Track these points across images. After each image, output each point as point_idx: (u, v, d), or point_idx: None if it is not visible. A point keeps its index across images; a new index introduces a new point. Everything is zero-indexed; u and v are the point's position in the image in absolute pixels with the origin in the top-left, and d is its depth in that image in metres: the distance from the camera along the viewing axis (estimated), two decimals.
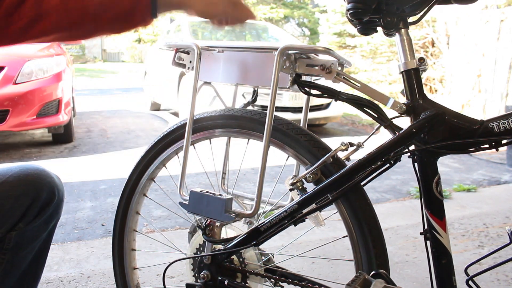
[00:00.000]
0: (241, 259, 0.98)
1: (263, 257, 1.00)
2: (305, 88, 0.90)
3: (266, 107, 0.86)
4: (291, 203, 0.87)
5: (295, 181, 0.87)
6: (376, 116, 0.85)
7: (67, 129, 4.12)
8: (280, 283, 0.99)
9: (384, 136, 0.81)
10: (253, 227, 0.91)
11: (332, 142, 0.85)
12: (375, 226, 0.85)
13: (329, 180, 0.84)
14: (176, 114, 6.35)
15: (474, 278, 0.78)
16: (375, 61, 8.17)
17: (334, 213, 0.92)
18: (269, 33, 6.52)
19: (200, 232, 0.99)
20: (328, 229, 2.08)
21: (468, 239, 2.07)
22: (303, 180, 0.87)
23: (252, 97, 1.08)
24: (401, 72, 0.84)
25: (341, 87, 5.08)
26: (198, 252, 1.04)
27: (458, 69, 6.09)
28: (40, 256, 0.92)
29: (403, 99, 0.85)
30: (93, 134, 4.81)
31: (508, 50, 5.39)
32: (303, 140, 0.89)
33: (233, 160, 1.19)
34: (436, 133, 0.80)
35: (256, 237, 0.90)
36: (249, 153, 1.07)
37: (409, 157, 0.84)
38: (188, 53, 1.01)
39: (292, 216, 0.86)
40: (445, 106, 0.81)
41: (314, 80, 0.95)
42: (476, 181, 3.13)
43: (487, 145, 0.77)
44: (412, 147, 0.83)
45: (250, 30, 6.65)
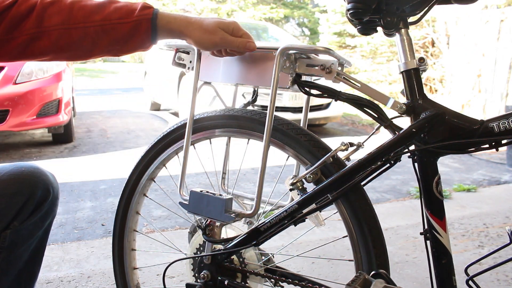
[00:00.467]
0: (241, 259, 0.98)
1: (263, 257, 1.00)
2: (305, 88, 0.90)
3: (266, 107, 0.86)
4: (291, 203, 0.87)
5: (295, 181, 0.87)
6: (376, 116, 0.85)
7: (67, 129, 4.12)
8: (280, 283, 0.99)
9: (384, 136, 0.81)
10: (253, 227, 0.91)
11: (332, 142, 0.86)
12: (375, 226, 0.85)
13: (329, 180, 0.84)
14: (176, 114, 6.35)
15: (474, 278, 0.78)
16: (375, 61, 8.17)
17: (334, 213, 0.92)
18: (269, 33, 6.53)
19: (200, 232, 0.99)
20: (328, 229, 2.09)
21: (468, 239, 2.07)
22: (303, 180, 0.87)
23: (252, 97, 1.08)
24: (401, 72, 0.84)
25: (341, 87, 5.08)
26: (198, 252, 1.04)
27: (458, 69, 6.09)
28: (36, 255, 0.92)
29: (403, 99, 0.85)
30: (93, 134, 4.81)
31: (508, 50, 5.40)
32: (303, 140, 0.89)
33: (233, 160, 1.19)
34: (436, 133, 0.80)
35: (256, 237, 0.90)
36: (249, 153, 1.07)
37: (409, 157, 0.84)
38: (188, 53, 1.01)
39: (292, 216, 0.86)
40: (445, 106, 0.81)
41: (314, 80, 0.95)
42: (476, 181, 3.13)
43: (487, 145, 0.77)
44: (412, 147, 0.83)
45: (250, 30, 6.65)
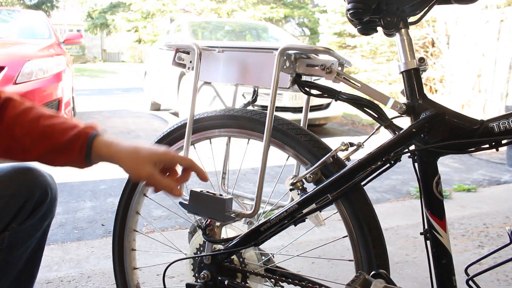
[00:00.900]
0: (241, 259, 0.98)
1: (263, 257, 1.00)
2: (305, 88, 0.90)
3: (266, 107, 0.86)
4: (291, 203, 0.87)
5: (295, 181, 0.87)
6: (376, 116, 0.85)
7: None
8: (280, 283, 0.99)
9: (384, 136, 0.81)
10: (253, 227, 0.91)
11: (332, 142, 0.85)
12: (375, 226, 0.85)
13: (329, 180, 0.84)
14: (176, 114, 6.35)
15: (474, 278, 0.78)
16: (375, 61, 8.17)
17: (334, 213, 0.92)
18: (269, 33, 6.53)
19: (200, 232, 0.99)
20: (328, 229, 2.08)
21: (468, 239, 2.06)
22: (303, 180, 0.87)
23: (252, 97, 1.08)
24: (401, 72, 0.84)
25: (341, 87, 5.08)
26: (198, 252, 1.04)
27: (458, 69, 6.09)
28: (35, 256, 0.92)
29: (403, 99, 0.85)
30: None
31: (508, 50, 5.39)
32: (303, 140, 0.89)
33: (233, 160, 1.19)
34: (436, 133, 0.80)
35: (256, 237, 0.90)
36: (249, 153, 1.07)
37: (409, 157, 0.84)
38: (188, 53, 1.01)
39: (292, 216, 0.86)
40: (445, 106, 0.81)
41: (314, 80, 0.95)
42: (476, 181, 3.13)
43: (487, 145, 0.77)
44: (412, 147, 0.83)
45: (250, 30, 6.65)
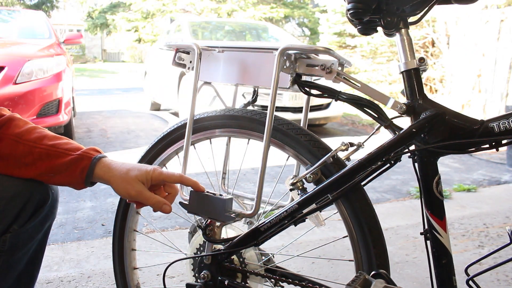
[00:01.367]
0: (241, 259, 0.98)
1: (263, 257, 1.00)
2: (305, 88, 0.90)
3: (266, 107, 0.86)
4: (291, 203, 0.87)
5: (295, 181, 0.87)
6: (376, 116, 0.85)
7: (67, 129, 4.12)
8: (280, 283, 0.99)
9: (384, 136, 0.81)
10: (253, 227, 0.91)
11: (332, 142, 0.85)
12: (375, 226, 0.85)
13: (329, 180, 0.84)
14: (176, 114, 6.36)
15: (474, 278, 0.78)
16: (375, 61, 8.16)
17: (334, 213, 0.92)
18: (269, 33, 6.53)
19: (200, 232, 0.99)
20: (328, 229, 2.09)
21: (468, 239, 2.06)
22: (303, 180, 0.87)
23: (252, 97, 1.08)
24: (401, 72, 0.84)
25: (341, 87, 5.08)
26: (198, 252, 1.04)
27: (458, 69, 6.09)
28: (36, 257, 0.92)
29: (403, 99, 0.85)
30: (93, 134, 4.81)
31: (508, 50, 5.39)
32: (303, 140, 0.89)
33: (233, 160, 1.19)
34: (436, 133, 0.80)
35: (256, 237, 0.90)
36: (249, 153, 1.07)
37: (409, 157, 0.84)
38: (188, 53, 1.01)
39: (292, 216, 0.86)
40: (445, 106, 0.81)
41: (314, 80, 0.95)
42: (476, 181, 3.13)
43: (487, 145, 0.77)
44: (412, 147, 0.83)
45: (250, 30, 6.65)
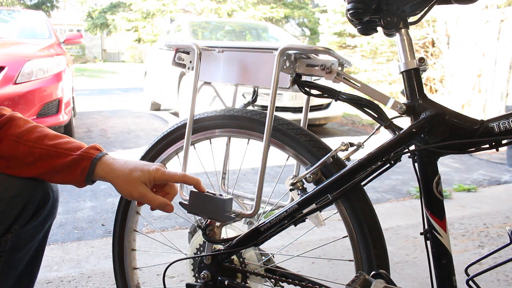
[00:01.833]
0: (241, 259, 0.98)
1: (263, 257, 1.00)
2: (305, 88, 0.90)
3: (266, 107, 0.86)
4: (291, 203, 0.87)
5: (295, 181, 0.87)
6: (376, 116, 0.85)
7: (67, 129, 4.12)
8: (280, 283, 0.99)
9: (384, 136, 0.81)
10: (253, 227, 0.91)
11: (332, 142, 0.85)
12: (375, 226, 0.85)
13: (329, 180, 0.84)
14: (176, 114, 6.36)
15: (474, 278, 0.78)
16: (375, 61, 8.16)
17: (334, 213, 0.92)
18: (269, 33, 6.52)
19: (200, 232, 0.99)
20: (328, 229, 2.09)
21: (468, 239, 2.06)
22: (303, 180, 0.87)
23: (252, 97, 1.08)
24: (401, 72, 0.84)
25: (341, 87, 5.07)
26: (198, 252, 1.04)
27: (458, 69, 6.09)
28: (36, 257, 0.92)
29: (403, 99, 0.85)
30: (93, 134, 4.81)
31: (508, 50, 5.39)
32: (303, 140, 0.89)
33: (233, 160, 1.19)
34: (436, 133, 0.80)
35: (256, 237, 0.90)
36: (249, 153, 1.07)
37: (409, 157, 0.84)
38: (188, 53, 1.01)
39: (292, 216, 0.86)
40: (445, 106, 0.81)
41: (314, 80, 0.95)
42: (476, 181, 3.13)
43: (487, 145, 0.77)
44: (412, 147, 0.83)
45: (250, 30, 6.65)
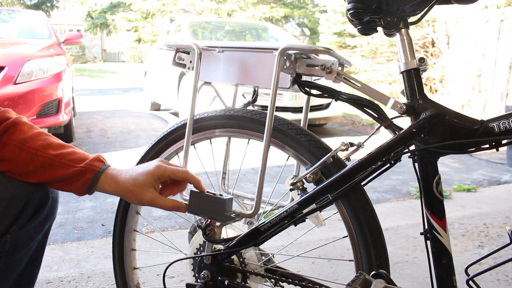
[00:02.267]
0: (241, 259, 0.98)
1: (263, 257, 1.00)
2: (305, 88, 0.90)
3: (266, 107, 0.86)
4: (291, 203, 0.87)
5: (295, 181, 0.87)
6: (376, 116, 0.85)
7: (67, 129, 4.12)
8: (280, 283, 0.99)
9: (384, 136, 0.81)
10: (253, 227, 0.91)
11: (332, 142, 0.85)
12: (375, 226, 0.85)
13: (330, 180, 0.84)
14: (176, 114, 6.36)
15: (474, 278, 0.78)
16: (375, 61, 8.17)
17: (334, 213, 0.92)
18: (269, 33, 6.52)
19: (200, 232, 0.99)
20: (328, 229, 2.09)
21: (468, 239, 2.06)
22: (304, 180, 0.87)
23: (252, 97, 1.08)
24: (401, 72, 0.84)
25: (341, 87, 5.07)
26: (198, 252, 1.04)
27: (458, 69, 6.09)
28: (36, 257, 0.92)
29: (403, 99, 0.85)
30: (93, 134, 4.81)
31: (508, 50, 5.39)
32: (303, 140, 0.89)
33: (233, 160, 1.19)
34: (436, 133, 0.80)
35: (256, 237, 0.90)
36: (249, 153, 1.07)
37: (409, 157, 0.84)
38: (188, 53, 1.01)
39: (292, 216, 0.86)
40: (445, 106, 0.81)
41: (314, 80, 0.95)
42: (476, 181, 3.13)
43: (487, 145, 0.77)
44: (413, 147, 0.83)
45: (250, 30, 6.65)
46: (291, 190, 0.89)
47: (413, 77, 0.82)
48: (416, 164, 0.83)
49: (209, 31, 6.41)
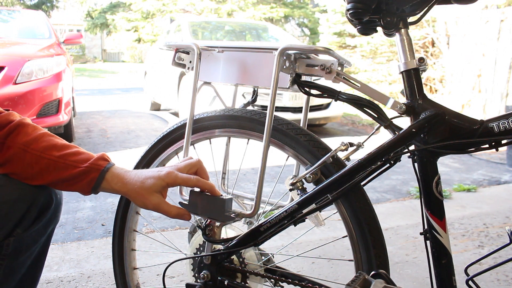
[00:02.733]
0: (241, 259, 0.98)
1: (263, 257, 1.00)
2: (305, 88, 0.90)
3: (266, 107, 0.86)
4: (291, 203, 0.87)
5: (295, 181, 0.87)
6: (376, 116, 0.85)
7: (67, 129, 4.12)
8: (280, 283, 0.99)
9: (384, 136, 0.81)
10: (253, 227, 0.91)
11: (332, 142, 0.85)
12: (375, 226, 0.85)
13: (329, 180, 0.84)
14: (176, 114, 6.36)
15: (474, 278, 0.78)
16: (375, 61, 8.17)
17: (334, 213, 0.92)
18: (269, 33, 6.52)
19: (200, 232, 0.99)
20: (328, 229, 2.09)
21: (468, 239, 2.06)
22: (303, 180, 0.87)
23: (252, 97, 1.08)
24: (401, 72, 0.83)
25: (341, 87, 5.07)
26: (198, 252, 1.04)
27: (458, 69, 6.09)
28: (38, 260, 0.92)
29: (403, 99, 0.85)
30: (93, 134, 4.81)
31: (508, 50, 5.40)
32: (303, 140, 0.89)
33: (233, 160, 1.19)
34: (436, 133, 0.80)
35: (256, 237, 0.90)
36: (249, 153, 1.07)
37: (409, 157, 0.84)
38: (188, 53, 1.01)
39: (292, 216, 0.86)
40: (445, 106, 0.81)
41: (314, 80, 0.95)
42: (476, 181, 3.13)
43: (487, 145, 0.77)
44: (412, 147, 0.83)
45: (250, 30, 6.65)
46: (290, 190, 0.88)
47: (412, 77, 0.82)
48: (416, 164, 0.83)
49: (209, 31, 6.41)
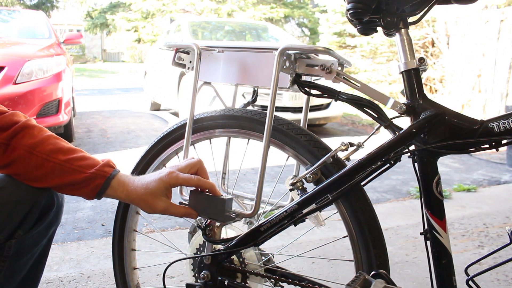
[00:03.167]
0: (241, 259, 0.98)
1: (263, 257, 1.00)
2: (305, 88, 0.90)
3: (266, 107, 0.86)
4: (291, 203, 0.87)
5: (295, 181, 0.87)
6: (376, 116, 0.85)
7: (67, 129, 4.12)
8: (280, 283, 0.99)
9: (384, 136, 0.81)
10: (253, 227, 0.91)
11: (332, 142, 0.85)
12: (375, 226, 0.85)
13: (329, 180, 0.84)
14: (176, 114, 6.36)
15: (474, 278, 0.78)
16: (375, 61, 8.17)
17: (334, 213, 0.92)
18: (269, 33, 6.52)
19: (200, 232, 0.99)
20: (328, 229, 2.09)
21: (468, 239, 2.06)
22: (303, 180, 0.87)
23: (252, 97, 1.08)
24: (401, 72, 0.83)
25: (341, 87, 5.07)
26: (198, 252, 1.04)
27: (458, 69, 6.09)
28: (40, 261, 0.92)
29: (403, 99, 0.85)
30: (93, 134, 4.81)
31: (508, 50, 5.40)
32: (303, 140, 0.89)
33: (233, 160, 1.19)
34: (436, 133, 0.80)
35: (256, 237, 0.90)
36: (249, 153, 1.07)
37: (409, 157, 0.84)
38: (188, 53, 1.01)
39: (292, 216, 0.86)
40: (445, 106, 0.81)
41: (314, 80, 0.95)
42: (476, 181, 3.13)
43: (487, 145, 0.77)
44: (412, 147, 0.83)
45: (250, 30, 6.65)
46: (291, 190, 0.88)
47: (412, 77, 0.82)
48: (416, 164, 0.83)
49: (209, 31, 6.41)
